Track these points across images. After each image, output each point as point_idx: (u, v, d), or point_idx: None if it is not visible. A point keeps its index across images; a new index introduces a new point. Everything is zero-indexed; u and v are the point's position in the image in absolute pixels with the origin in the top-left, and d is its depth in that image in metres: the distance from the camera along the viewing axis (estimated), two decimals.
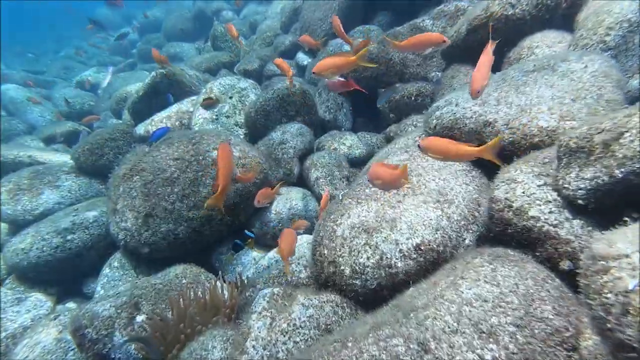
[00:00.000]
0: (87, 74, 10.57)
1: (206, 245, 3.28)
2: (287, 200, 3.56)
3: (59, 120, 6.72)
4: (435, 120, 2.23)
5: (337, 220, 1.94)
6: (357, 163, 4.02)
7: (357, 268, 1.74)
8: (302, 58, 6.36)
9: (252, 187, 3.32)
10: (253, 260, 3.31)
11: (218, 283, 2.44)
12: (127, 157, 3.31)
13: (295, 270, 2.08)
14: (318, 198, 3.65)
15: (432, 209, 1.79)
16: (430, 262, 1.64)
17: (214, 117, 4.27)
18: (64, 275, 3.46)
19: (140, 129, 4.60)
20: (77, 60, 13.64)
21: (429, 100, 3.91)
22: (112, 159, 4.52)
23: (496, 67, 2.92)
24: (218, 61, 7.08)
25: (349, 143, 4.09)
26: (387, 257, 1.70)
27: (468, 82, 2.88)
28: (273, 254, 3.01)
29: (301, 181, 3.90)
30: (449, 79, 3.50)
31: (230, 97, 4.47)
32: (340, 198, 2.02)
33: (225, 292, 2.43)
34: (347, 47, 4.99)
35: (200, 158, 3.17)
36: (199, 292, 2.23)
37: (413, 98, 3.98)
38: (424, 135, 2.45)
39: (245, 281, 2.68)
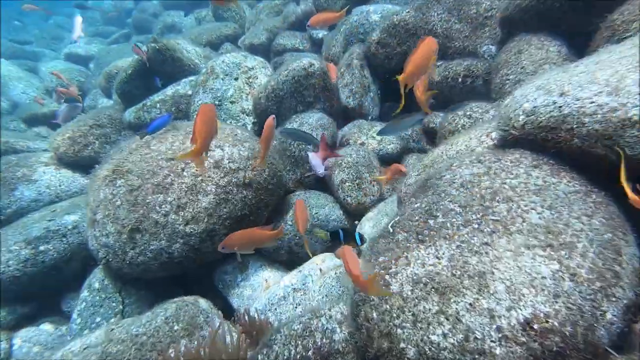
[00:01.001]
0: (77, 45, 9.90)
1: (207, 264, 2.78)
2: (308, 209, 3.02)
3: (40, 103, 6.15)
4: (523, 117, 1.61)
5: (390, 268, 1.39)
6: (390, 161, 3.44)
7: (427, 350, 1.21)
8: (316, 31, 5.64)
9: (264, 194, 2.78)
10: (265, 282, 2.83)
11: (221, 328, 1.95)
12: (109, 153, 2.76)
13: (327, 329, 1.57)
14: (343, 205, 3.10)
15: (542, 258, 1.23)
16: (553, 353, 1.10)
17: (217, 102, 3.67)
18: (41, 289, 3.03)
19: (130, 115, 4.03)
20: (68, 30, 12.90)
21: (481, 83, 3.25)
22: (99, 150, 3.99)
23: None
24: (220, 33, 6.37)
25: (380, 136, 3.48)
26: (476, 338, 1.17)
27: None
28: (290, 279, 2.51)
29: (321, 184, 3.35)
30: (513, 54, 2.81)
31: (236, 79, 3.84)
32: (390, 229, 1.47)
33: (232, 336, 1.95)
34: (374, 16, 4.28)
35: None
36: (194, 347, 1.74)
37: (460, 80, 3.32)
38: (498, 135, 1.85)
39: (257, 321, 2.19)
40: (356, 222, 3.05)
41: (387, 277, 1.32)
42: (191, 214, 2.52)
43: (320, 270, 2.55)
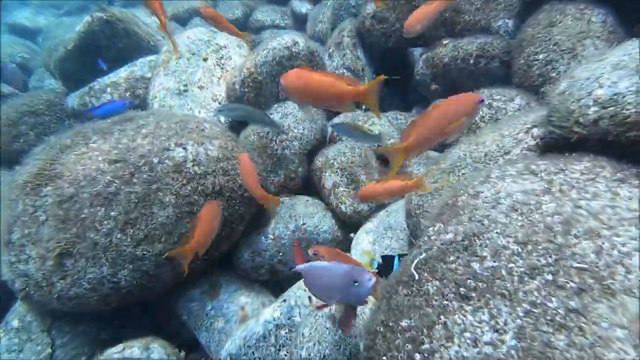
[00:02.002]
0: (22, 15, 8.85)
1: (167, 290, 2.31)
2: (291, 218, 2.59)
3: None
4: (596, 109, 1.21)
5: (419, 341, 0.97)
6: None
7: None
8: (299, 5, 5.12)
9: (239, 204, 2.32)
10: (241, 311, 2.39)
11: None
12: (34, 151, 2.21)
13: None
14: (336, 214, 2.69)
15: None
16: None
17: (182, 87, 3.13)
18: None
19: (73, 101, 3.42)
20: None
21: (498, 65, 2.85)
22: (34, 143, 3.37)
23: None
24: (189, 6, 5.72)
25: (378, 129, 3.06)
26: None
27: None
28: (272, 312, 2.08)
29: (309, 188, 2.91)
30: (542, 28, 2.41)
31: (205, 59, 3.30)
32: (414, 273, 1.06)
33: None
34: None
35: (155, 160, 2.11)
36: None
37: (472, 61, 2.91)
38: (544, 132, 1.46)
39: None
40: (351, 234, 2.65)
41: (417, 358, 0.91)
42: (143, 233, 2.03)
43: (310, 299, 2.13)
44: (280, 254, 2.53)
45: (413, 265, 1.08)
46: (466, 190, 1.27)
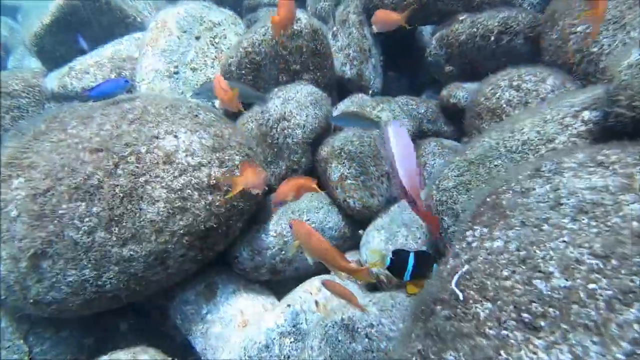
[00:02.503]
0: None
1: (159, 293, 2.13)
2: (294, 214, 2.41)
3: None
4: None
5: None
6: None
7: None
8: None
9: (238, 198, 2.12)
10: (240, 314, 2.22)
11: None
12: (3, 138, 1.99)
13: None
14: (343, 209, 2.51)
15: None
16: None
17: (173, 69, 2.89)
18: None
19: (52, 82, 3.16)
20: None
21: (522, 42, 2.63)
22: (10, 127, 3.13)
23: None
24: None
25: (387, 115, 2.86)
26: None
27: None
28: (275, 319, 1.91)
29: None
30: None
31: (197, 38, 3.05)
32: (459, 293, 0.87)
33: None
34: None
35: (143, 150, 1.90)
36: None
37: (493, 38, 2.70)
38: (598, 117, 1.27)
39: None
40: (360, 231, 2.47)
41: None
42: (130, 231, 1.83)
43: (317, 304, 1.97)
44: (283, 252, 2.35)
45: (454, 280, 0.90)
46: (510, 187, 1.08)
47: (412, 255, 1.59)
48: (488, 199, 1.12)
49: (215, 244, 2.15)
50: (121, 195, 1.83)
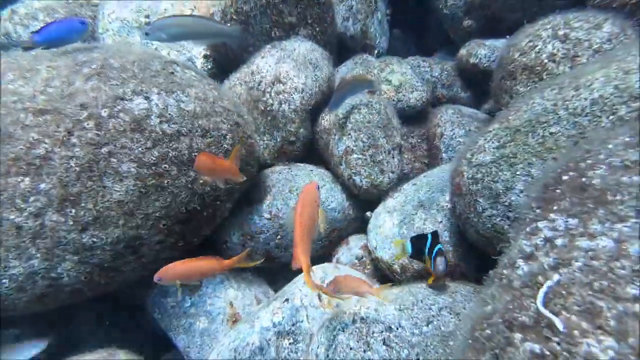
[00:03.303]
0: None
1: (130, 284, 1.84)
2: (291, 193, 2.10)
3: None
4: None
5: None
6: (412, 119, 2.53)
7: None
8: None
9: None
10: (229, 308, 1.96)
11: None
12: None
13: None
14: (348, 187, 2.21)
15: None
16: None
17: (142, 19, 2.45)
18: None
19: None
20: None
21: None
22: None
23: None
24: None
25: (398, 79, 2.52)
26: None
27: None
28: (271, 315, 1.65)
29: (314, 154, 2.40)
30: None
31: None
32: (557, 322, 0.58)
33: None
34: None
35: (104, 113, 1.54)
36: None
37: None
38: None
39: None
40: (368, 213, 2.19)
41: None
42: (91, 214, 1.51)
43: (320, 298, 1.70)
44: (279, 236, 2.07)
45: (541, 297, 0.62)
46: (599, 160, 0.78)
47: (429, 237, 1.35)
48: (565, 177, 0.83)
49: (200, 229, 1.84)
50: (77, 169, 1.49)
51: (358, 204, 2.24)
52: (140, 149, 1.56)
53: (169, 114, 1.64)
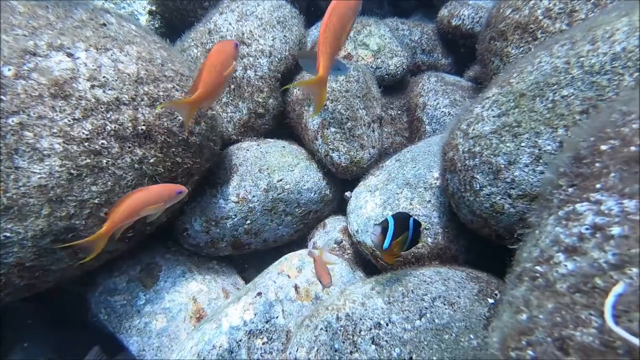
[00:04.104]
0: None
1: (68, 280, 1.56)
2: (261, 172, 1.87)
3: None
4: None
5: None
6: (392, 85, 2.32)
7: None
8: None
9: (183, 153, 1.53)
10: (192, 303, 1.73)
11: None
12: None
13: None
14: (325, 165, 2.00)
15: None
16: None
17: None
18: None
19: None
20: None
21: None
22: None
23: None
24: None
25: (377, 43, 2.28)
26: None
27: None
28: (241, 312, 1.45)
29: (284, 129, 2.15)
30: None
31: None
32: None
33: None
34: None
35: (8, 72, 1.20)
36: None
37: None
38: None
39: None
40: (347, 193, 2.01)
41: None
42: (3, 202, 1.20)
43: (297, 289, 1.52)
44: (248, 221, 1.84)
45: (608, 310, 0.45)
46: None
47: (412, 221, 1.14)
48: (604, 147, 0.66)
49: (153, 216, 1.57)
50: None
51: (335, 182, 2.05)
52: (66, 120, 1.25)
53: (104, 77, 1.32)
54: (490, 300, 1.14)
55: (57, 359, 1.71)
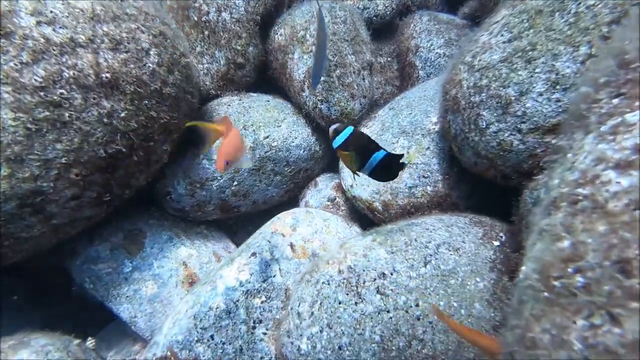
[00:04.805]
0: None
1: (42, 252, 1.44)
2: (246, 129, 1.73)
3: None
4: None
5: None
6: (381, 27, 2.15)
7: None
8: None
9: (157, 105, 1.36)
10: (183, 268, 1.64)
11: None
12: None
13: None
14: (313, 118, 1.87)
15: None
16: None
17: None
18: None
19: None
20: None
21: None
22: None
23: None
24: None
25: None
26: None
27: None
28: (235, 272, 1.37)
29: (268, 80, 1.98)
30: None
31: None
32: None
33: None
34: None
35: None
36: None
37: None
38: None
39: None
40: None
41: None
42: None
43: (293, 247, 1.45)
44: (235, 182, 1.73)
45: None
46: None
47: (381, 154, 0.99)
48: None
49: (131, 177, 1.44)
50: None
51: (325, 137, 1.93)
52: (12, 63, 1.06)
53: (51, 12, 1.12)
54: (496, 243, 1.09)
55: None
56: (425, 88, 1.65)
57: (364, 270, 1.05)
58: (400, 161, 1.00)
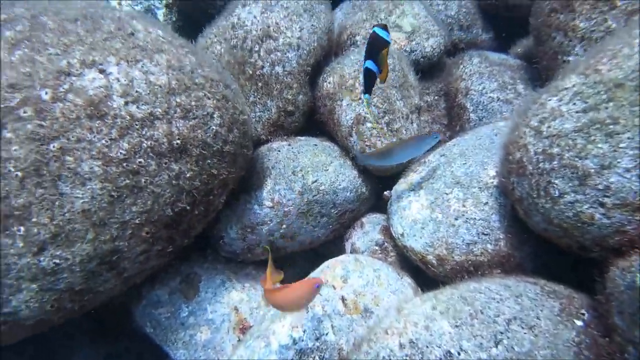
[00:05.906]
0: None
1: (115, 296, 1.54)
2: (295, 175, 1.77)
3: None
4: None
5: None
6: (427, 69, 2.12)
7: None
8: None
9: (217, 163, 1.43)
10: (234, 313, 1.68)
11: None
12: None
13: None
14: (359, 163, 1.87)
15: None
16: None
17: None
18: None
19: None
20: None
21: None
22: None
23: None
24: None
25: (410, 23, 2.08)
26: None
27: None
28: (288, 328, 1.38)
29: (314, 125, 2.01)
30: None
31: None
32: None
33: None
34: None
35: (45, 95, 1.12)
36: None
37: None
38: None
39: None
40: (386, 192, 1.88)
41: None
42: (49, 230, 1.15)
43: (344, 302, 1.44)
44: (284, 226, 1.76)
45: None
46: None
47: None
48: None
49: (191, 229, 1.51)
50: (19, 174, 1.10)
51: (371, 179, 1.93)
52: (103, 140, 1.17)
53: (137, 92, 1.22)
54: (579, 323, 1.00)
55: None
56: (480, 136, 1.61)
57: (427, 347, 1.02)
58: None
